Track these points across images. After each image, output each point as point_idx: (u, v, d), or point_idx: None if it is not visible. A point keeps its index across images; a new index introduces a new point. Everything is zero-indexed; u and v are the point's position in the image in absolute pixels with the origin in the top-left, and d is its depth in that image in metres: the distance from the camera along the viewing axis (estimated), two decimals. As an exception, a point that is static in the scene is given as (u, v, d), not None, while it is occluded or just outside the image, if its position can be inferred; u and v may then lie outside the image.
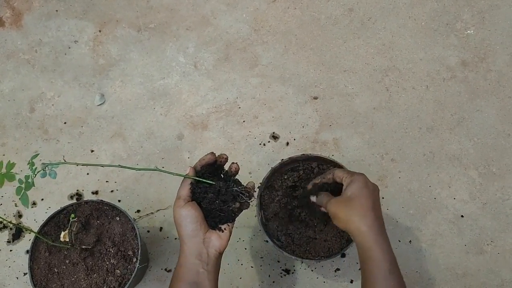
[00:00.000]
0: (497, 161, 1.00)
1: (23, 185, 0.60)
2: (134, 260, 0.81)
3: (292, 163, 0.89)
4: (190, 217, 0.69)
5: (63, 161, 0.61)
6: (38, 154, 0.68)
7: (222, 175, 0.76)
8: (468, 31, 1.11)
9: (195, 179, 0.73)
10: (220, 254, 0.72)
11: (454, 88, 1.06)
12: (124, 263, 0.81)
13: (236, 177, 0.76)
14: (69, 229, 0.78)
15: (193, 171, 0.74)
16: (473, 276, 0.93)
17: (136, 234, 0.81)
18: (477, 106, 1.05)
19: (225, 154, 0.76)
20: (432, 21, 1.12)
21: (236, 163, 0.76)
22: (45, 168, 0.59)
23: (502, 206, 0.97)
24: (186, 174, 0.73)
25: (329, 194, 0.76)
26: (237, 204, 0.73)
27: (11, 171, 0.60)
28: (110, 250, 0.81)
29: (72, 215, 0.77)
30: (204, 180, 0.72)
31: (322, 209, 0.78)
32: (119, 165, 0.68)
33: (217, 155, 0.75)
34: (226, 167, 0.77)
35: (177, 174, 0.73)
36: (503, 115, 1.04)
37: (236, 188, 0.73)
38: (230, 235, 0.73)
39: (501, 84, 1.06)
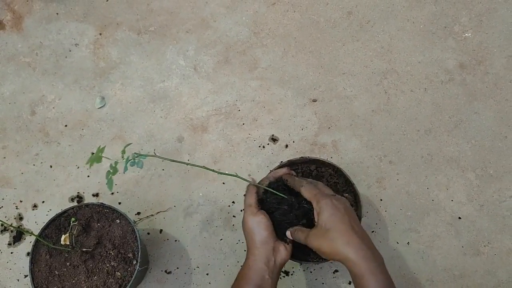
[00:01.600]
0: (494, 163, 1.01)
1: (111, 170, 0.62)
2: (134, 262, 0.81)
3: (290, 165, 0.90)
4: (264, 224, 0.74)
5: (154, 154, 0.65)
6: (131, 143, 0.70)
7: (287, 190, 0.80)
8: (466, 34, 1.12)
9: (268, 190, 0.78)
10: (283, 265, 0.76)
11: (452, 91, 1.07)
12: (124, 265, 0.81)
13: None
14: (69, 232, 0.78)
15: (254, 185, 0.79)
16: (470, 277, 0.94)
17: (136, 236, 0.82)
18: (474, 108, 1.06)
19: (294, 172, 0.81)
20: (431, 24, 1.13)
21: None
22: (135, 158, 0.62)
23: (499, 208, 0.98)
24: (254, 183, 0.78)
25: (303, 228, 0.75)
26: (304, 221, 0.77)
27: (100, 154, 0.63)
28: (111, 252, 0.82)
29: (73, 219, 0.78)
30: (276, 192, 0.77)
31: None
32: (203, 166, 0.72)
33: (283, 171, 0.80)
34: None
35: (254, 184, 0.78)
36: (500, 117, 1.05)
37: (307, 206, 0.77)
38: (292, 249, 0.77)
39: (498, 86, 1.07)
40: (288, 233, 0.77)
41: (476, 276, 0.94)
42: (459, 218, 0.97)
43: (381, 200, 0.99)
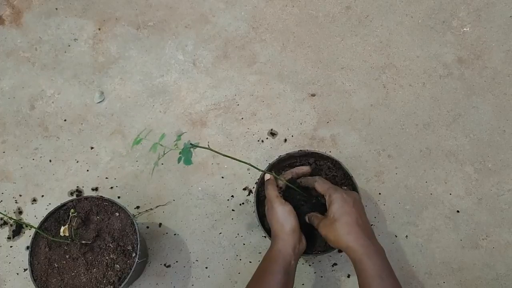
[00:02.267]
0: (493, 157, 1.01)
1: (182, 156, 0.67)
2: (133, 255, 0.82)
3: (289, 159, 0.90)
4: (293, 214, 0.80)
5: (207, 147, 0.69)
6: (185, 132, 0.72)
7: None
8: (464, 29, 1.12)
9: (289, 185, 0.83)
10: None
11: (451, 85, 1.07)
12: (124, 258, 0.82)
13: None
14: (69, 224, 0.79)
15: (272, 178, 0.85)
16: (468, 270, 0.94)
17: (135, 229, 0.82)
18: (473, 102, 1.06)
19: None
20: (429, 19, 1.13)
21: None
22: (190, 147, 0.66)
23: (497, 201, 0.98)
24: (270, 174, 0.84)
25: (318, 215, 0.81)
26: (317, 213, 0.82)
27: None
28: (110, 245, 0.82)
29: (72, 210, 0.79)
30: (294, 187, 0.83)
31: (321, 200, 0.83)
32: (250, 163, 0.74)
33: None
34: None
35: (275, 177, 0.83)
36: (498, 111, 1.05)
37: (320, 200, 0.84)
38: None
39: (496, 81, 1.07)
40: (306, 218, 0.83)
41: (475, 269, 0.94)
42: (458, 211, 0.98)
43: (379, 194, 1.00)
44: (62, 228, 0.79)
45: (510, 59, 1.09)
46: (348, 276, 0.94)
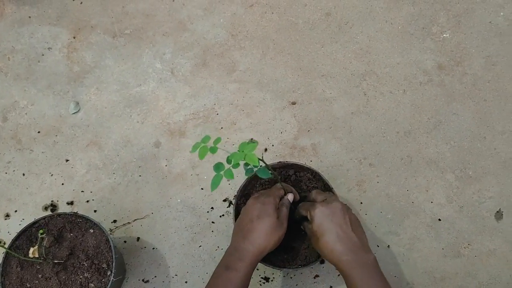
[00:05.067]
0: (473, 164, 1.01)
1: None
2: (109, 273, 0.79)
3: (268, 170, 0.88)
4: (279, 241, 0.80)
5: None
6: (220, 138, 0.72)
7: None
8: (444, 35, 1.12)
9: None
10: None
11: (431, 92, 1.07)
12: (98, 277, 0.79)
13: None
14: (38, 245, 0.76)
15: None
16: (451, 279, 0.93)
17: (110, 246, 0.80)
18: (453, 109, 1.05)
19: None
20: (409, 25, 1.13)
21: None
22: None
23: (478, 209, 0.98)
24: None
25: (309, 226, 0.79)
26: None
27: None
28: (84, 263, 0.80)
29: (41, 231, 0.76)
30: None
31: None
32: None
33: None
34: None
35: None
36: (479, 118, 1.05)
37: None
38: None
39: (476, 87, 1.07)
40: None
41: (457, 279, 0.93)
42: (439, 220, 0.97)
43: (361, 203, 0.99)
44: (31, 250, 0.76)
45: (490, 65, 1.09)
46: (330, 288, 0.93)
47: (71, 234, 0.82)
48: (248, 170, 0.73)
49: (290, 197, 0.82)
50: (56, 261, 0.78)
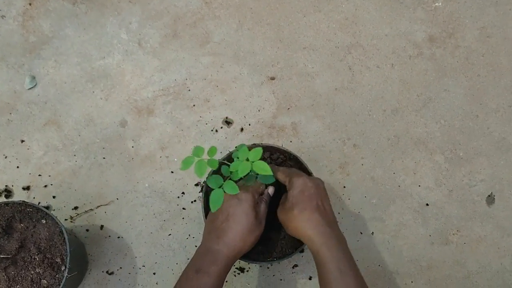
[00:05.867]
0: (464, 144, 0.94)
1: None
2: (63, 268, 0.71)
3: (242, 153, 0.80)
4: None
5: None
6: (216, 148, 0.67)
7: None
8: (436, 4, 1.03)
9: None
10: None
11: (421, 66, 0.99)
12: (52, 272, 0.71)
13: None
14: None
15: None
16: (438, 268, 0.88)
17: (64, 239, 0.72)
18: (444, 85, 0.98)
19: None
20: (399, -7, 1.03)
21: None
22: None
23: (468, 193, 0.91)
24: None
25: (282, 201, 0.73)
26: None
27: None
28: (35, 257, 0.71)
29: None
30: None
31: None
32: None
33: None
34: None
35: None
36: (471, 94, 0.97)
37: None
38: None
39: (469, 61, 0.99)
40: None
41: (445, 267, 0.88)
42: (427, 204, 0.91)
43: (344, 187, 0.91)
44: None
45: (484, 37, 1.00)
46: (310, 279, 0.87)
47: (22, 225, 0.73)
48: (249, 178, 0.66)
49: (270, 190, 0.74)
50: (3, 256, 0.70)
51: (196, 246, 0.88)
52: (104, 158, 0.92)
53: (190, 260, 0.68)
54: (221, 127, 0.95)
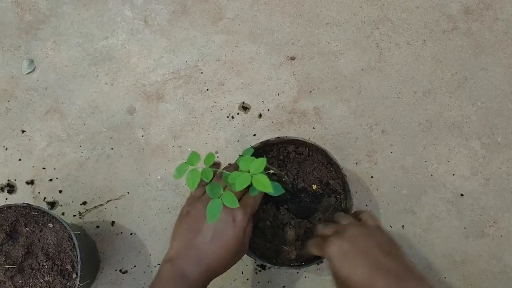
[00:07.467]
0: (503, 128, 0.86)
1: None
2: (74, 275, 0.66)
3: (264, 147, 0.73)
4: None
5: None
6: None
7: None
8: (473, -29, 0.93)
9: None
10: None
11: (456, 42, 0.90)
12: (62, 280, 0.66)
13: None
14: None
15: None
16: (473, 262, 0.82)
17: (74, 244, 0.66)
18: (481, 63, 0.89)
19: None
20: (431, -41, 0.93)
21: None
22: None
23: (507, 182, 0.84)
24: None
25: (318, 242, 0.63)
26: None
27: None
28: (44, 264, 0.66)
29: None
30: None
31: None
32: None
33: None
34: None
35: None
36: (511, 73, 0.89)
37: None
38: None
39: (509, 36, 0.90)
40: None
41: (480, 262, 0.82)
42: (462, 195, 0.84)
43: (372, 177, 0.85)
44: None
45: (525, 9, 0.91)
46: (336, 276, 0.81)
47: (27, 229, 0.68)
48: (252, 189, 0.58)
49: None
50: (7, 267, 0.64)
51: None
52: (112, 148, 0.86)
53: (158, 280, 0.57)
54: (238, 113, 0.87)
